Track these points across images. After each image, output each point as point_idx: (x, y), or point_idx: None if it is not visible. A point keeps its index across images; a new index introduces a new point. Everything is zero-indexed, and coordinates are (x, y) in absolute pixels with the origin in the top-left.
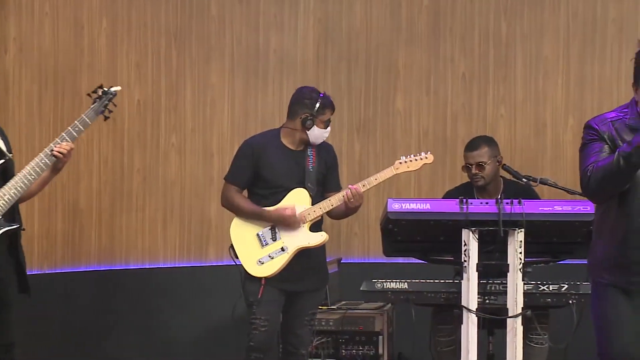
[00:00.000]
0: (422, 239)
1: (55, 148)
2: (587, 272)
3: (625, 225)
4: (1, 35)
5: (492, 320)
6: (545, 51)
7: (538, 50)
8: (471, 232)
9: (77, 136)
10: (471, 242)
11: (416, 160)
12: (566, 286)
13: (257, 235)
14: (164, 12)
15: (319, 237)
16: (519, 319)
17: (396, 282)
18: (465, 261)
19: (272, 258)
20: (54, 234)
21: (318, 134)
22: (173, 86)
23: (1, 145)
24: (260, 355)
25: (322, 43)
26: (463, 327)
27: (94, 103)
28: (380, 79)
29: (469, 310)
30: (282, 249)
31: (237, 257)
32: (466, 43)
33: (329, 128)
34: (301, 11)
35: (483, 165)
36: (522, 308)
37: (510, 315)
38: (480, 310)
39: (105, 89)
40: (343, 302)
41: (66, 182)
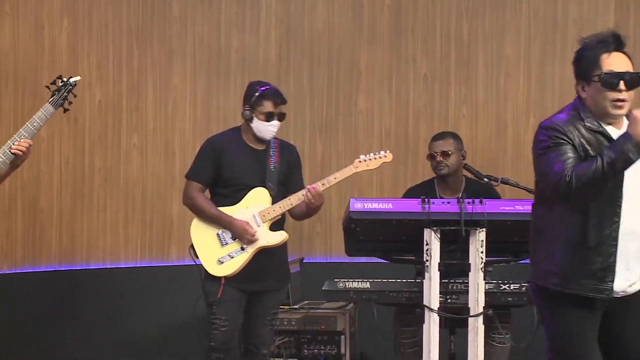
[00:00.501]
0: (384, 239)
1: (14, 146)
2: (536, 279)
3: (594, 232)
4: None
5: (454, 319)
6: (506, 52)
7: (499, 50)
8: (433, 232)
9: (36, 132)
10: (433, 242)
11: (375, 158)
12: (527, 285)
13: (217, 234)
14: (125, 13)
15: (279, 237)
16: (481, 318)
17: (358, 282)
18: (427, 260)
19: (232, 257)
20: (14, 234)
21: (260, 127)
22: (134, 86)
23: None
24: (220, 355)
25: (284, 43)
26: (425, 327)
27: (53, 96)
28: (342, 79)
29: (431, 309)
30: (242, 249)
31: (197, 257)
32: (428, 43)
33: (275, 122)
34: (263, 11)
35: (448, 153)
36: (484, 307)
37: (471, 314)
38: (442, 309)
39: (64, 80)
40: (305, 302)
41: (27, 182)
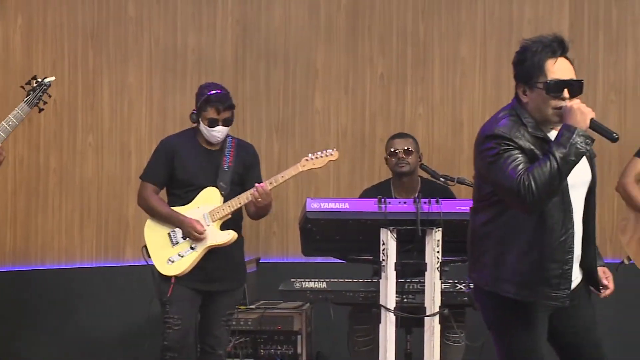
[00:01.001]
0: (341, 239)
1: None
2: (482, 284)
3: (549, 238)
4: None
5: (410, 319)
6: (462, 51)
7: (455, 50)
8: (389, 232)
9: (12, 130)
10: (389, 242)
11: (321, 157)
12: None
13: (169, 234)
14: (81, 12)
15: (226, 236)
16: (437, 318)
17: (315, 282)
18: (383, 260)
19: (182, 257)
20: None
21: (205, 132)
22: (90, 86)
23: None
24: (174, 354)
25: (241, 43)
26: (381, 326)
27: (28, 95)
28: (299, 79)
29: (387, 309)
30: (192, 248)
31: (149, 257)
32: (384, 43)
33: (219, 128)
34: (219, 11)
35: (410, 151)
36: (440, 307)
37: (427, 314)
38: (398, 309)
39: (39, 80)
40: (262, 302)
41: None
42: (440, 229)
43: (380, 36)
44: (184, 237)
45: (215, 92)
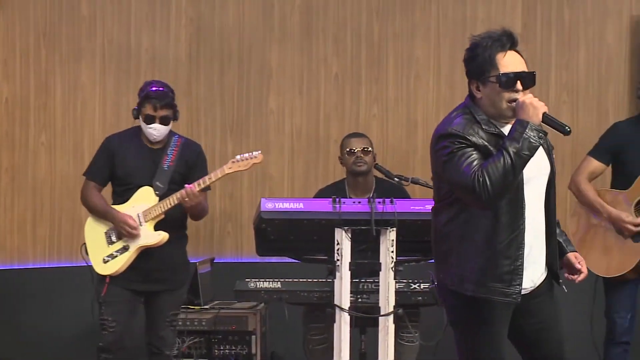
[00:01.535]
0: (296, 239)
1: None
2: (447, 283)
3: (502, 234)
4: None
5: (365, 318)
6: (416, 52)
7: (409, 50)
8: (344, 231)
9: None
10: (344, 241)
11: (246, 159)
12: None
13: (105, 233)
14: (33, 11)
15: (157, 237)
16: (391, 318)
17: (269, 282)
18: (338, 260)
19: (115, 257)
20: None
21: (144, 129)
22: (42, 85)
23: None
24: (109, 355)
25: (195, 42)
26: (335, 326)
27: None
28: (253, 79)
29: (342, 309)
30: (125, 248)
31: (88, 256)
32: (339, 43)
33: (156, 125)
34: (173, 10)
35: (368, 150)
36: (394, 306)
37: (382, 313)
38: (352, 309)
39: None
40: (216, 302)
41: None
42: (394, 229)
43: (334, 36)
44: (119, 237)
45: (155, 89)
